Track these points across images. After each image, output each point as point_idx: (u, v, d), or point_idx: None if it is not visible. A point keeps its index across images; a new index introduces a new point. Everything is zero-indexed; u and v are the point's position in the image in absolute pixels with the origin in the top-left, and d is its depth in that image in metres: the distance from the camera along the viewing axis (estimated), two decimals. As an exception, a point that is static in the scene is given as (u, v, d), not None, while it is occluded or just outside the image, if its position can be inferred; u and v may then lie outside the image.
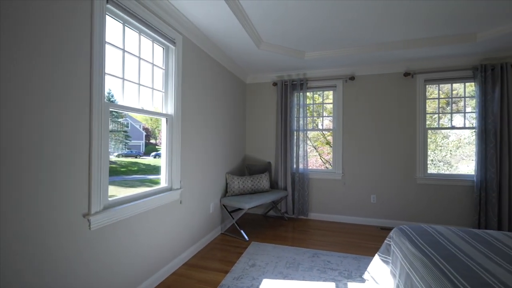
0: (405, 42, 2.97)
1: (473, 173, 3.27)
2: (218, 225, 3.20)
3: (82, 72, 1.43)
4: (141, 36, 1.99)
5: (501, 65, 3.06)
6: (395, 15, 2.42)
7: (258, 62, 3.56)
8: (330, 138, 5.56)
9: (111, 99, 2.02)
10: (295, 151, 3.86)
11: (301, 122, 3.82)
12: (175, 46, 2.28)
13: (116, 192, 2.79)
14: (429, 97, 3.53)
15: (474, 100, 3.24)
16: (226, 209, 3.21)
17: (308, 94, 4.03)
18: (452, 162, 4.37)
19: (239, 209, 3.46)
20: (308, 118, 4.04)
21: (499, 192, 3.04)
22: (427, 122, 3.51)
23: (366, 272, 1.94)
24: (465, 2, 2.18)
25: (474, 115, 3.27)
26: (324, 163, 5.93)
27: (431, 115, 3.58)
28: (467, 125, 3.42)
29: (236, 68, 3.68)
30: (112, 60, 1.69)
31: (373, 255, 2.60)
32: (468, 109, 3.40)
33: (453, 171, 3.49)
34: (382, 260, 1.75)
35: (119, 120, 5.37)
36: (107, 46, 1.62)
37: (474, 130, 3.26)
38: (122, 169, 5.25)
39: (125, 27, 1.83)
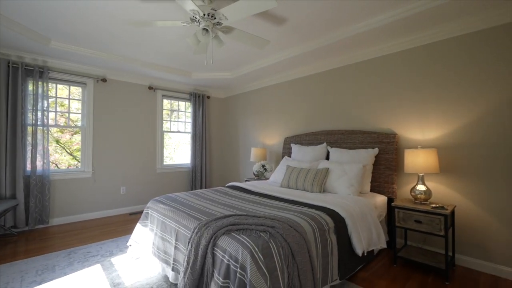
0: (148, 64, 3.85)
1: (189, 162, 5.01)
2: None
3: None
4: None
5: (203, 95, 5.06)
6: (138, 41, 3.20)
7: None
8: (76, 136, 5.06)
9: None
10: (30, 150, 3.25)
11: (40, 116, 3.31)
12: None
13: None
14: (165, 108, 4.79)
15: (190, 115, 5.00)
16: None
17: (51, 85, 3.55)
18: (176, 157, 6.16)
19: None
20: (51, 113, 3.57)
21: (201, 172, 5.01)
22: (164, 128, 4.74)
23: (130, 239, 2.50)
24: (185, 53, 3.52)
25: (190, 124, 5.02)
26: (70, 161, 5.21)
27: (166, 121, 4.85)
28: (187, 131, 5.12)
29: None
30: None
31: (128, 234, 3.18)
32: (188, 120, 5.13)
33: (178, 161, 5.06)
34: (142, 225, 2.44)
35: None
36: None
37: (190, 133, 5.02)
38: None
39: None
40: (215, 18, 2.12)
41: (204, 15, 2.07)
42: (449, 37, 2.46)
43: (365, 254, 2.08)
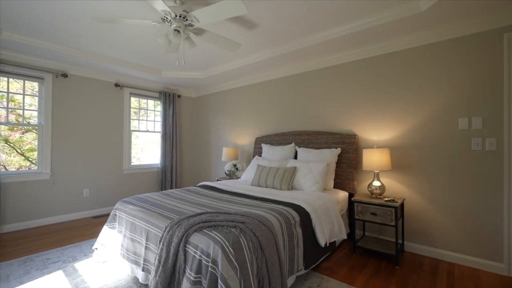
0: (115, 60, 3.70)
1: (159, 162, 4.89)
2: None
3: None
4: None
5: (173, 93, 4.97)
6: (105, 36, 3.09)
7: None
8: (28, 135, 4.61)
9: None
10: (-24, 151, 2.94)
11: (-13, 113, 3.01)
12: None
13: None
14: (133, 107, 4.62)
15: (160, 114, 4.88)
16: None
17: (1, 79, 3.24)
18: (144, 157, 5.94)
19: None
20: (1, 109, 3.26)
21: (171, 172, 4.92)
22: (131, 127, 4.57)
23: (95, 243, 2.41)
24: (155, 51, 3.46)
25: (160, 123, 4.91)
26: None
27: (135, 120, 4.68)
28: (156, 130, 4.99)
29: None
30: None
31: (93, 238, 3.04)
32: (157, 119, 5.00)
33: (147, 162, 4.90)
34: (109, 227, 2.36)
35: None
36: None
37: (159, 133, 4.90)
38: None
39: None
40: (186, 20, 2.15)
41: (176, 16, 2.09)
42: (399, 50, 2.77)
43: (328, 245, 2.28)
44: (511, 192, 2.18)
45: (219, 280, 1.36)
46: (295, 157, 3.45)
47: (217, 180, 4.17)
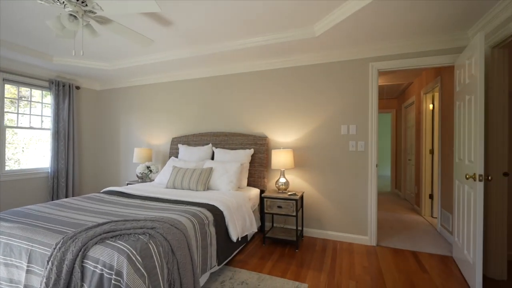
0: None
1: (48, 165, 4.04)
2: None
3: None
4: None
5: (70, 84, 4.20)
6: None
7: None
8: None
9: None
10: None
11: None
12: None
13: None
14: (9, 97, 3.65)
15: (50, 107, 4.04)
16: None
17: None
18: (25, 159, 4.75)
19: None
20: None
21: (67, 178, 4.16)
22: (6, 121, 3.60)
23: None
24: (44, 32, 2.87)
25: (50, 118, 4.06)
26: None
27: (12, 113, 3.70)
28: (45, 126, 4.09)
29: None
30: None
31: None
32: (47, 113, 4.10)
33: (31, 165, 3.94)
34: (-32, 254, 1.83)
35: None
36: None
37: (49, 130, 4.05)
38: None
39: None
40: (86, 5, 1.89)
41: (71, -1, 1.81)
42: (304, 65, 3.25)
43: (240, 239, 2.46)
44: (372, 183, 2.92)
45: (124, 292, 1.30)
46: (212, 158, 3.53)
47: (127, 184, 3.80)
